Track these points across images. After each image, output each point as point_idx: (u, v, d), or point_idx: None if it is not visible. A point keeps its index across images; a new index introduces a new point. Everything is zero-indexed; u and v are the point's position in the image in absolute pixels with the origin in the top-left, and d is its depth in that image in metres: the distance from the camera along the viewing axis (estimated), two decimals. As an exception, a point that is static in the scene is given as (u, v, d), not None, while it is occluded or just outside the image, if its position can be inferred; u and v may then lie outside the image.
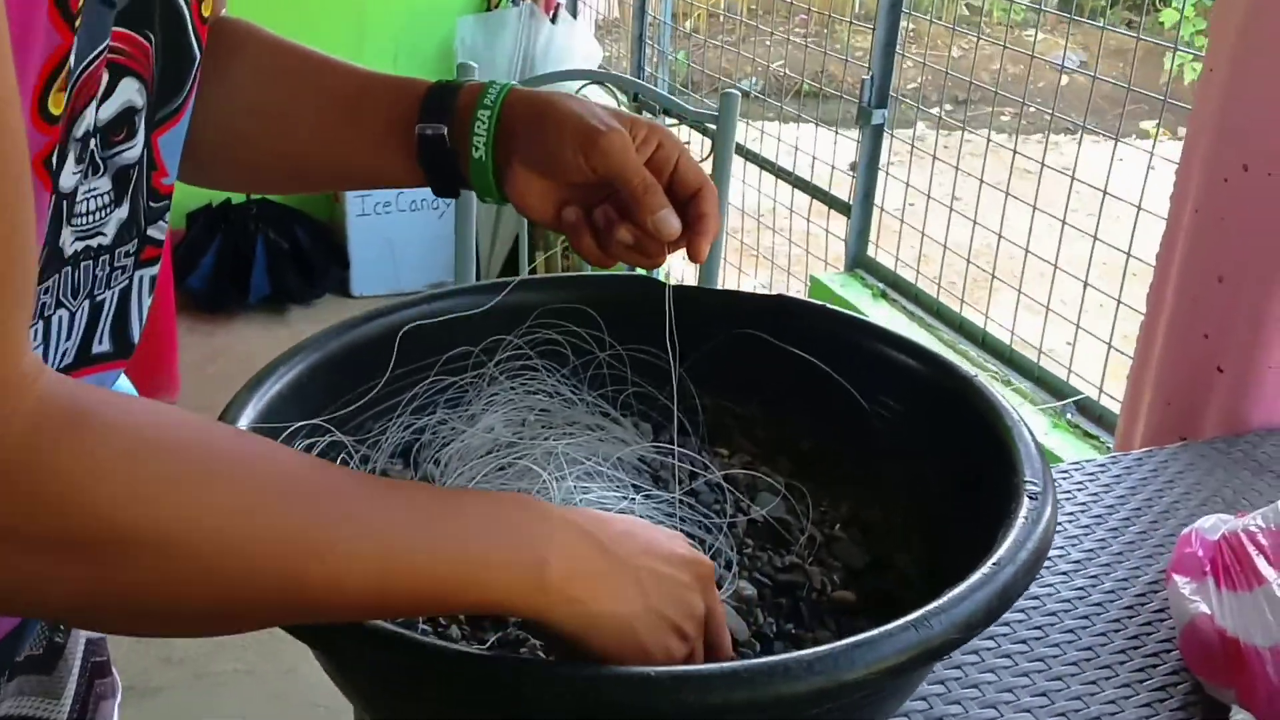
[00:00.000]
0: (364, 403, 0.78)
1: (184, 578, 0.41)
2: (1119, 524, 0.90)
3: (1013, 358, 1.62)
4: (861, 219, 1.92)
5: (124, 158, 0.57)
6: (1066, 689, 0.73)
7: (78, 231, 0.56)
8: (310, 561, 0.44)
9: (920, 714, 0.70)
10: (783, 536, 0.75)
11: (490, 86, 0.67)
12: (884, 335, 0.82)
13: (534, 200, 0.67)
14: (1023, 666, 0.74)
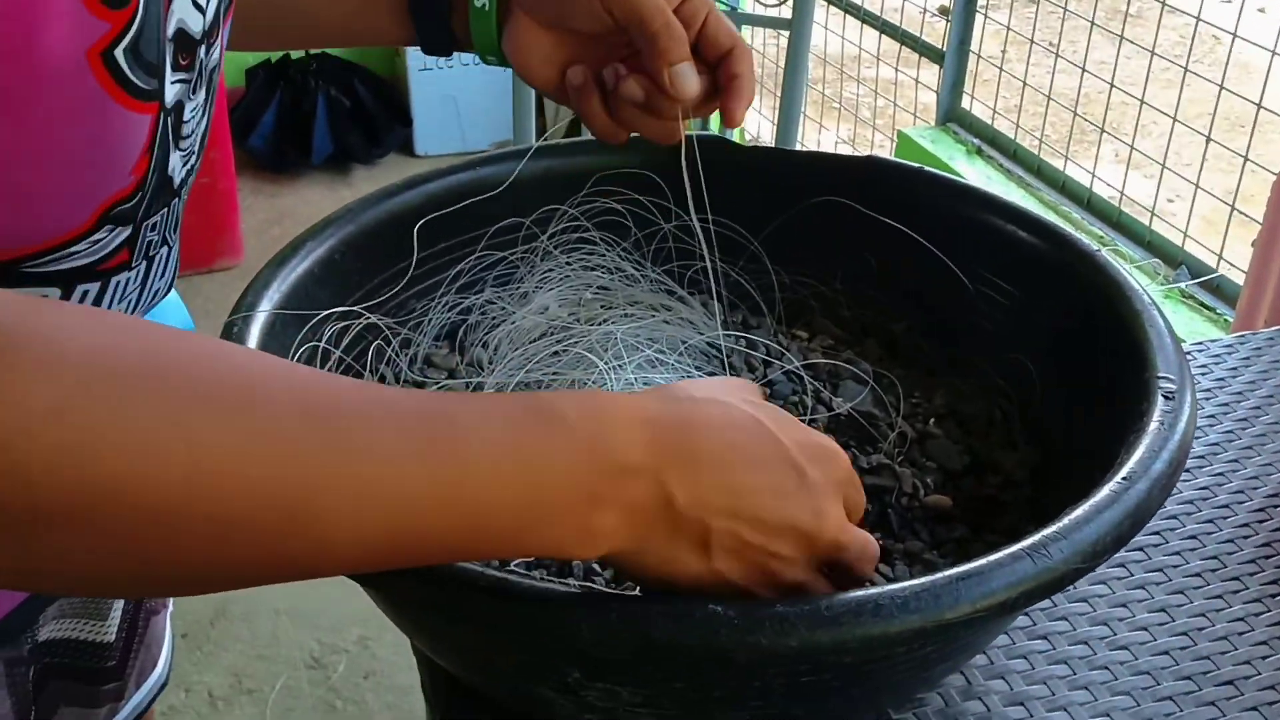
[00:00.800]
0: (405, 281, 0.71)
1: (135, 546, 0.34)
2: (1248, 413, 0.80)
3: (1121, 220, 1.49)
4: (955, 68, 1.77)
5: (213, 59, 0.50)
6: (1189, 604, 0.65)
7: (184, 155, 0.49)
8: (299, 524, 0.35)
9: (1022, 631, 0.63)
10: (869, 433, 0.66)
11: None
12: (991, 202, 0.72)
13: (536, 60, 0.59)
14: (1139, 577, 0.66)
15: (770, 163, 0.79)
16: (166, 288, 0.55)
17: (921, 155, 1.74)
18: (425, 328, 0.71)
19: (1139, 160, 1.45)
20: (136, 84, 0.42)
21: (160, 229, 0.50)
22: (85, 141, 0.42)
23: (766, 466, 0.43)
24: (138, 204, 0.46)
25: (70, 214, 0.43)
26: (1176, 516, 0.71)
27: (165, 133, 0.46)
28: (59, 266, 0.45)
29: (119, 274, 0.49)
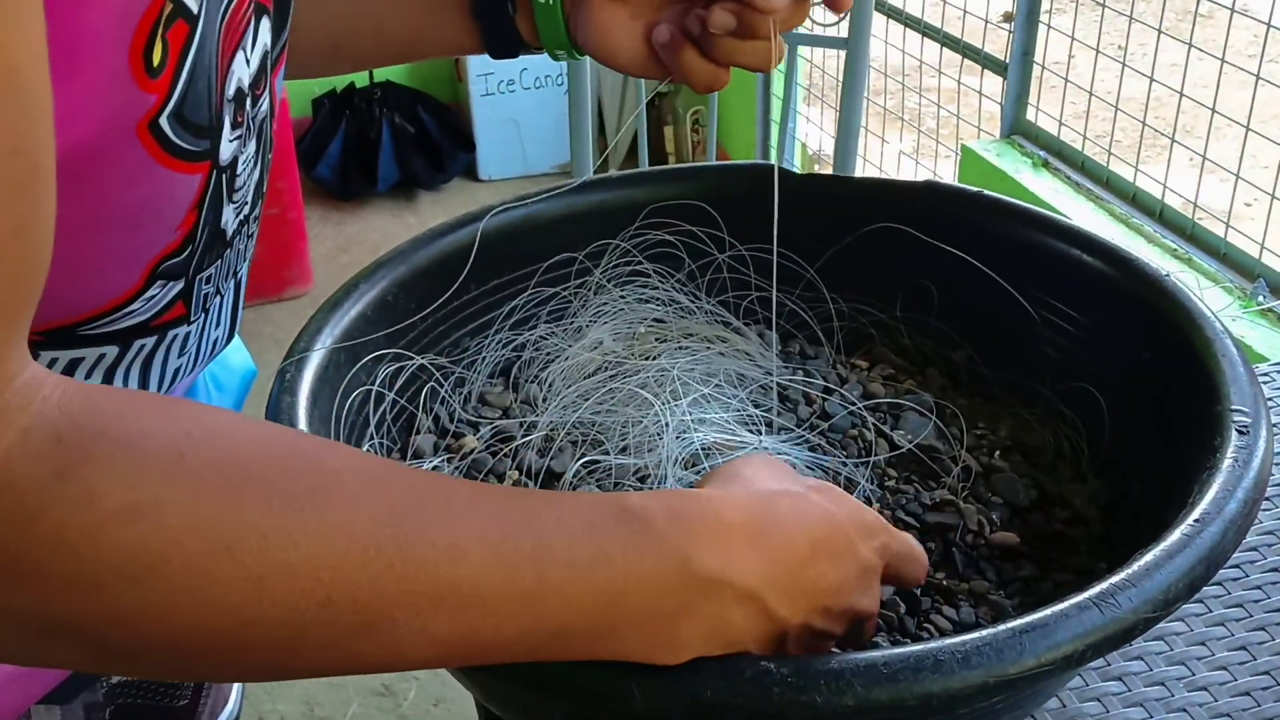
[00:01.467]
0: (458, 319, 0.71)
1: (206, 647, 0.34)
2: (1333, 438, 0.77)
3: (1195, 233, 1.44)
4: (1019, 79, 1.74)
5: (262, 111, 0.50)
6: (1272, 641, 0.62)
7: (236, 207, 0.50)
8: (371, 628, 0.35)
9: (1095, 672, 0.61)
10: (932, 468, 0.65)
11: None
12: (1053, 226, 0.70)
13: (618, 36, 0.58)
14: (1218, 614, 0.64)
15: (826, 190, 0.77)
16: (226, 337, 0.55)
17: (986, 169, 1.71)
18: (479, 365, 0.71)
19: (1220, 161, 1.41)
20: (184, 147, 0.42)
21: (214, 280, 0.51)
22: (135, 207, 0.42)
23: (839, 559, 0.44)
24: (188, 258, 0.47)
25: (123, 277, 0.44)
26: (1257, 549, 0.68)
27: (219, 188, 0.46)
28: (116, 327, 0.45)
29: (176, 327, 0.49)
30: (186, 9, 0.39)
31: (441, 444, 0.66)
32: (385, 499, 0.36)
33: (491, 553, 0.37)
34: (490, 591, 0.37)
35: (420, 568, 0.36)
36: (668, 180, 0.77)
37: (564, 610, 0.38)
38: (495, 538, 0.37)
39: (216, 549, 0.33)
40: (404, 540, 0.36)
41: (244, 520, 0.33)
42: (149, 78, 0.39)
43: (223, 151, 0.45)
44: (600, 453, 0.64)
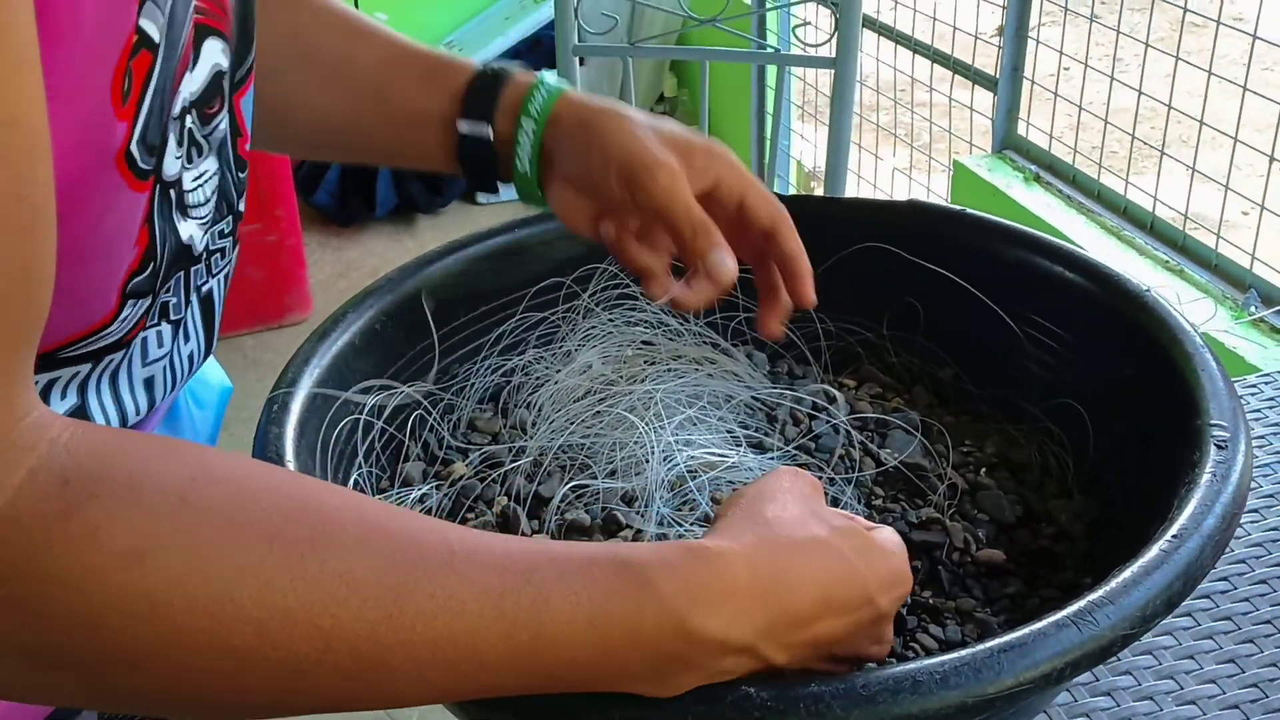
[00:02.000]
0: (447, 346, 0.71)
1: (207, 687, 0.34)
2: (1321, 448, 0.77)
3: (1186, 244, 1.45)
4: (1009, 94, 1.75)
5: (220, 130, 0.51)
6: (1260, 654, 0.62)
7: (200, 223, 0.50)
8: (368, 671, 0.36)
9: (1084, 687, 0.61)
10: (918, 485, 0.65)
11: (537, 89, 0.60)
12: (1036, 243, 0.70)
13: (573, 214, 0.61)
14: (1206, 627, 0.64)
15: (812, 211, 0.78)
16: (203, 353, 0.56)
17: (978, 184, 1.72)
18: (468, 392, 0.71)
19: (1210, 170, 1.41)
20: (144, 169, 0.43)
21: (178, 291, 0.51)
22: (110, 233, 0.43)
23: (850, 611, 0.43)
24: (152, 275, 0.47)
25: (100, 301, 0.45)
26: (1245, 561, 0.68)
27: (166, 203, 0.47)
28: (92, 348, 0.46)
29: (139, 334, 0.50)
30: (150, 39, 0.40)
31: (431, 471, 0.67)
32: (386, 547, 0.37)
33: (490, 606, 0.37)
34: (487, 645, 0.37)
35: (418, 618, 0.36)
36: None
37: (560, 664, 0.38)
38: (495, 591, 0.37)
39: (218, 592, 0.33)
40: (403, 590, 0.36)
41: (245, 565, 0.34)
42: (124, 109, 0.40)
43: (167, 168, 0.46)
44: (588, 476, 0.64)
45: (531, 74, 0.61)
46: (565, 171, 0.59)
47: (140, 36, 0.39)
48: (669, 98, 3.05)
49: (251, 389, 2.64)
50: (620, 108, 0.59)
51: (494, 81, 0.60)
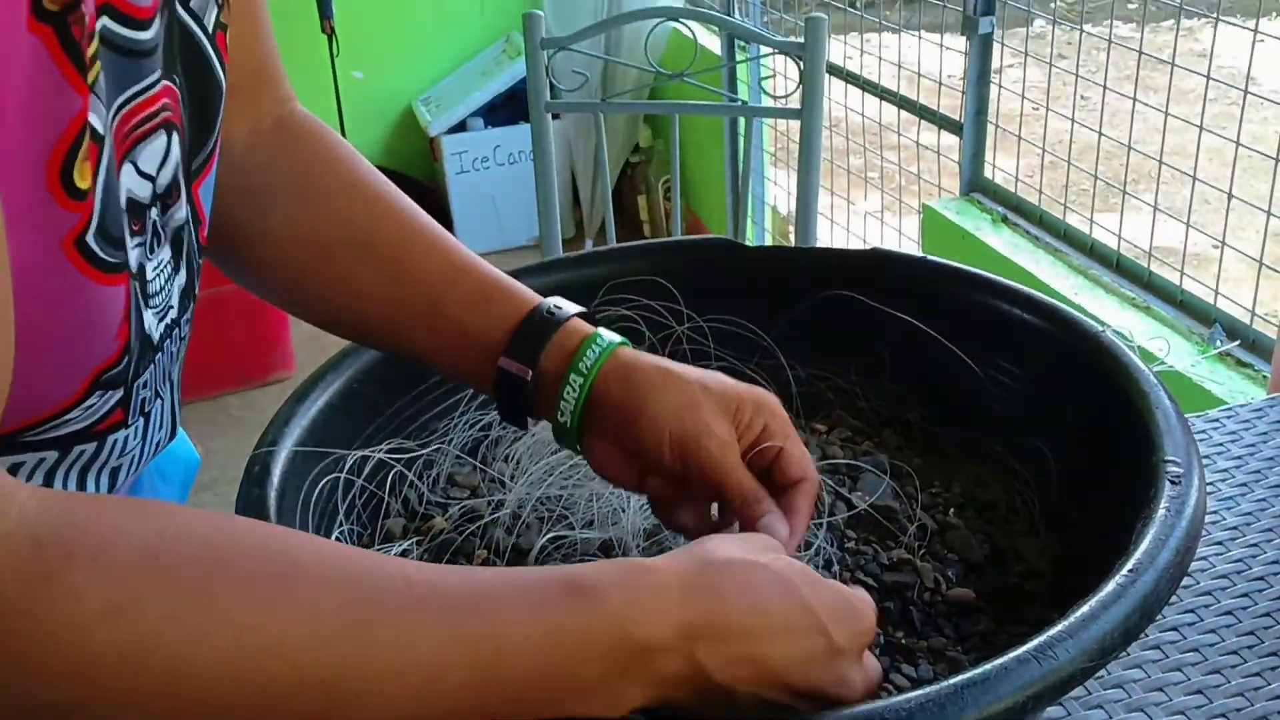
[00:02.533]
0: (425, 403, 0.73)
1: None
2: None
3: (1151, 281, 1.48)
4: (974, 138, 1.78)
5: (177, 219, 0.53)
6: (1227, 684, 0.63)
7: (156, 312, 0.52)
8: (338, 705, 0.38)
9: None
10: (888, 528, 0.67)
11: (592, 342, 0.57)
12: (995, 287, 0.73)
13: (612, 471, 0.58)
14: (1174, 659, 0.65)
15: (778, 261, 0.80)
16: (169, 436, 0.57)
17: (947, 227, 1.75)
18: (447, 447, 0.73)
19: (1176, 205, 1.44)
20: (108, 260, 0.44)
21: (151, 385, 0.52)
22: (70, 323, 0.44)
23: (796, 635, 0.44)
24: (125, 367, 0.49)
25: (62, 387, 0.46)
26: (1211, 593, 0.70)
27: (137, 296, 0.48)
28: (55, 434, 0.47)
29: (115, 432, 0.51)
30: (95, 131, 0.42)
31: (411, 526, 0.68)
32: (350, 584, 0.39)
33: (451, 630, 0.39)
34: (449, 669, 0.39)
35: (384, 649, 0.38)
36: (624, 258, 0.80)
37: (519, 682, 0.40)
38: (454, 615, 0.40)
39: (195, 639, 0.35)
40: (368, 623, 0.38)
41: (218, 611, 0.36)
42: (69, 198, 0.41)
43: (130, 260, 0.47)
44: (565, 527, 0.66)
45: (588, 325, 0.59)
46: (610, 432, 0.57)
47: (89, 128, 0.41)
48: (644, 147, 3.09)
49: (235, 448, 2.65)
50: (670, 367, 0.57)
51: (546, 325, 0.58)
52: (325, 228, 0.61)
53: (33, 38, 0.37)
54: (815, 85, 1.34)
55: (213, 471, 2.31)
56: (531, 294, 0.61)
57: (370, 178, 0.63)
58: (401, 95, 3.19)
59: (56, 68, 0.39)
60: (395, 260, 0.61)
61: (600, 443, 0.58)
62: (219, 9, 0.53)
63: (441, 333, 0.60)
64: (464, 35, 3.17)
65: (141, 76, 0.47)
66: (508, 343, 0.58)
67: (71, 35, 0.39)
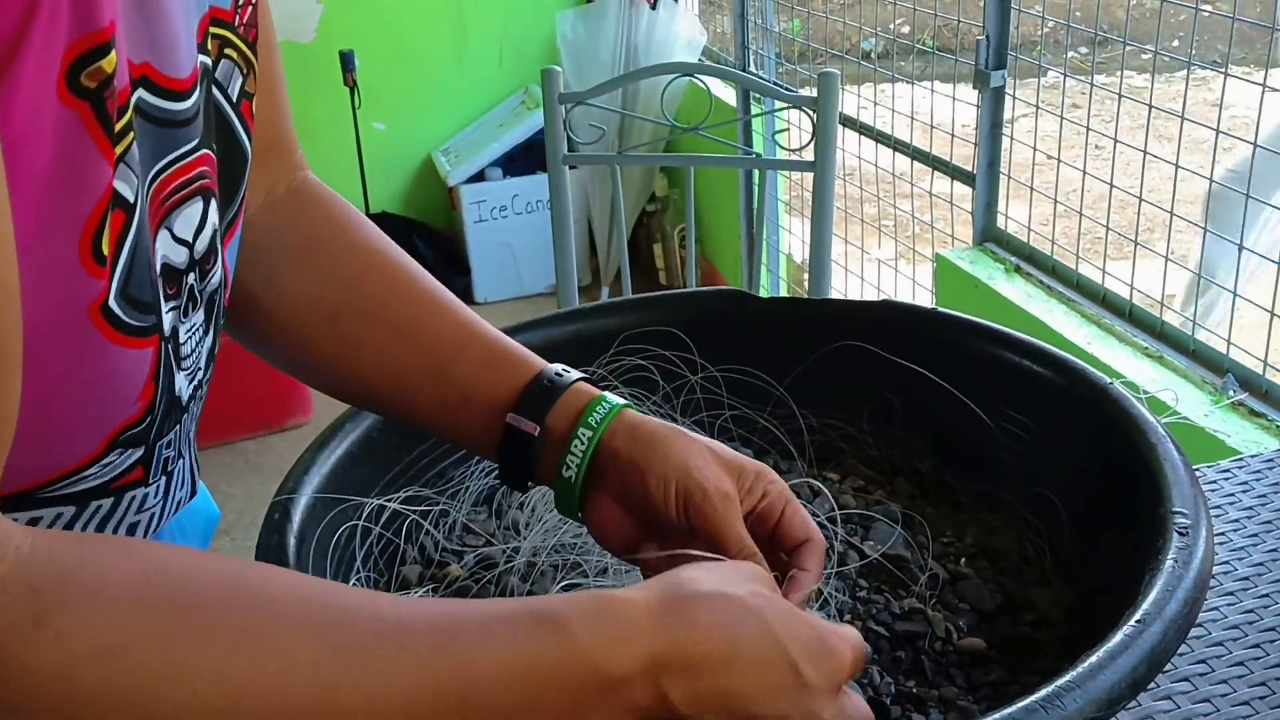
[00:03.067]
0: (441, 451, 0.74)
1: None
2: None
3: (1164, 330, 1.48)
4: (988, 189, 1.80)
5: (213, 284, 0.54)
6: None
7: (188, 374, 0.53)
8: None
9: (1068, 773, 0.62)
10: (900, 577, 0.67)
11: (599, 402, 0.59)
12: (1004, 338, 0.73)
13: (610, 530, 0.59)
14: (1185, 709, 0.65)
15: (789, 312, 0.81)
16: (189, 495, 0.58)
17: (961, 277, 1.76)
18: (463, 495, 0.74)
19: (1189, 253, 1.45)
20: (134, 324, 0.46)
21: (175, 444, 0.54)
22: (90, 384, 0.45)
23: (764, 668, 0.44)
24: (149, 427, 0.50)
25: (80, 447, 0.47)
26: (1223, 643, 0.70)
27: (168, 358, 0.50)
28: (72, 489, 0.49)
29: (134, 490, 0.52)
30: (124, 199, 0.43)
31: (427, 574, 0.69)
32: (323, 622, 0.40)
33: (421, 666, 0.40)
34: (419, 702, 0.40)
35: (356, 685, 0.39)
36: (638, 309, 0.81)
37: (489, 715, 0.41)
38: (424, 652, 0.41)
39: (175, 680, 0.37)
40: (340, 660, 0.40)
41: (199, 652, 0.38)
42: (97, 265, 0.42)
43: (165, 324, 0.49)
44: (579, 575, 0.67)
45: (593, 388, 0.60)
46: (614, 488, 0.58)
47: (115, 196, 0.42)
48: (660, 196, 3.13)
49: (254, 493, 2.66)
50: (677, 428, 0.59)
51: (555, 385, 0.59)
52: (334, 292, 0.62)
53: (69, 111, 0.39)
54: (828, 138, 1.36)
55: (229, 517, 2.32)
56: (538, 359, 0.62)
57: (380, 244, 0.64)
58: (421, 145, 3.24)
59: (91, 139, 0.40)
60: (405, 325, 0.62)
61: (602, 500, 0.58)
62: (244, 78, 0.55)
63: (448, 396, 0.61)
64: (483, 87, 3.22)
65: (179, 145, 0.48)
66: (516, 402, 0.59)
67: (106, 109, 0.40)
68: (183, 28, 0.47)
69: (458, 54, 3.18)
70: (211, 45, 0.51)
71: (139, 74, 0.45)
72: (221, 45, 0.52)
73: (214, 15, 0.51)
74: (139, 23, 0.44)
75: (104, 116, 0.40)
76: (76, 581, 0.36)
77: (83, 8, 0.39)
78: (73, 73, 0.39)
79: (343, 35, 2.97)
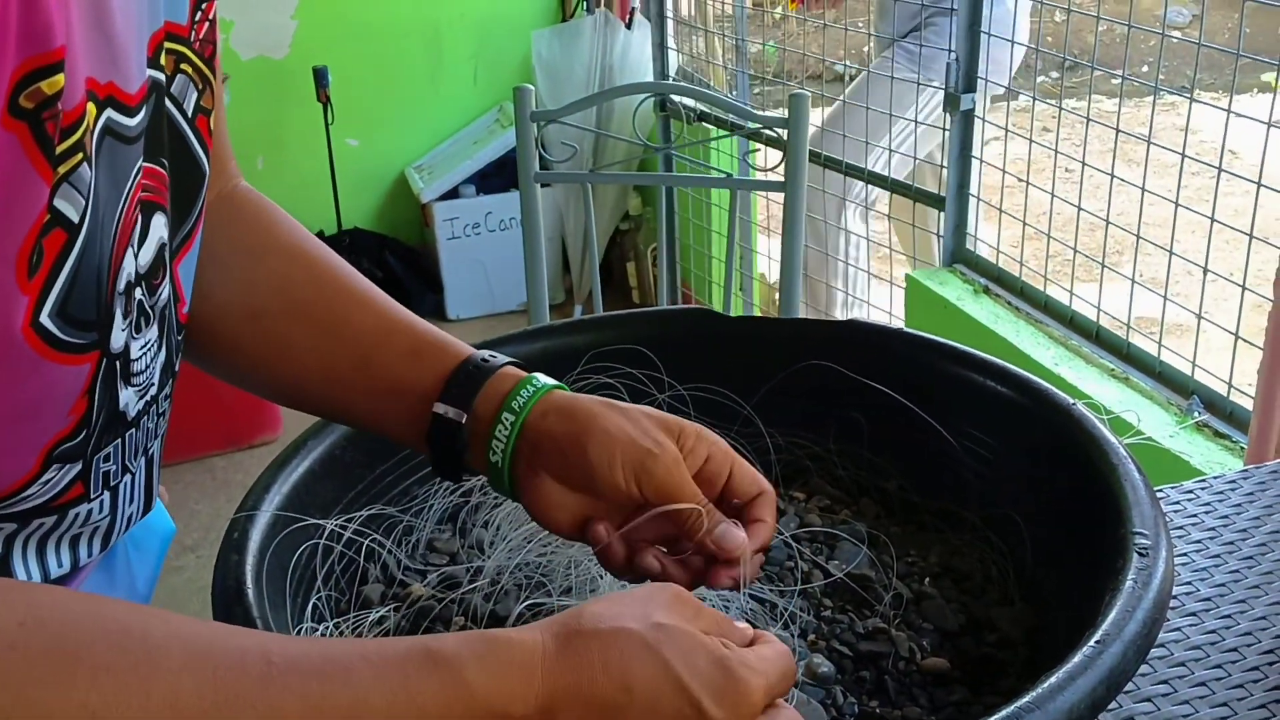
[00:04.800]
0: (405, 469, 0.73)
1: None
2: (1254, 551, 0.79)
3: (1130, 352, 1.50)
4: (956, 211, 1.81)
5: (161, 299, 0.54)
6: (1202, 756, 0.63)
7: (138, 390, 0.52)
8: None
9: (1031, 794, 0.62)
10: (864, 596, 0.67)
11: (525, 384, 0.58)
12: (968, 359, 0.74)
13: (556, 511, 0.58)
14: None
15: (755, 331, 0.82)
16: (142, 510, 0.57)
17: (930, 297, 1.77)
18: (427, 513, 0.73)
19: (1155, 276, 1.46)
20: (72, 342, 0.45)
21: (116, 459, 0.53)
22: (26, 401, 0.45)
23: (661, 707, 0.43)
24: (84, 441, 0.49)
25: (18, 465, 0.46)
26: (1185, 664, 0.70)
27: (110, 374, 0.49)
28: (15, 509, 0.48)
29: (76, 506, 0.51)
30: (66, 219, 0.43)
31: (389, 593, 0.68)
32: (208, 666, 0.39)
33: (310, 711, 0.39)
34: None
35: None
36: (606, 326, 0.81)
37: None
38: (314, 697, 0.40)
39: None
40: (226, 707, 0.38)
41: (75, 700, 0.36)
42: (29, 283, 0.42)
43: (114, 341, 0.48)
44: (544, 594, 0.66)
45: (521, 371, 0.60)
46: (554, 468, 0.57)
47: (54, 215, 0.42)
48: (634, 215, 3.13)
49: (222, 510, 2.64)
50: (610, 402, 0.58)
51: (480, 370, 0.59)
52: (259, 292, 0.62)
53: (7, 133, 0.39)
54: (798, 159, 1.37)
55: (196, 534, 2.29)
56: (465, 346, 0.62)
57: (307, 243, 0.64)
58: (395, 162, 3.23)
59: (29, 160, 0.40)
60: (329, 319, 0.62)
61: (543, 482, 0.58)
62: (199, 94, 0.54)
63: (375, 387, 0.60)
64: (458, 105, 3.22)
65: (130, 170, 0.48)
66: (442, 390, 0.59)
67: (45, 131, 0.40)
68: (134, 41, 0.47)
69: (432, 71, 3.17)
70: (166, 60, 0.51)
71: (105, 94, 0.44)
72: (177, 60, 0.52)
73: (169, 30, 0.51)
74: (99, 42, 0.44)
75: (43, 138, 0.40)
76: None
77: (31, 32, 0.38)
78: (14, 95, 0.38)
79: (316, 51, 2.97)
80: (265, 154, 3.01)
